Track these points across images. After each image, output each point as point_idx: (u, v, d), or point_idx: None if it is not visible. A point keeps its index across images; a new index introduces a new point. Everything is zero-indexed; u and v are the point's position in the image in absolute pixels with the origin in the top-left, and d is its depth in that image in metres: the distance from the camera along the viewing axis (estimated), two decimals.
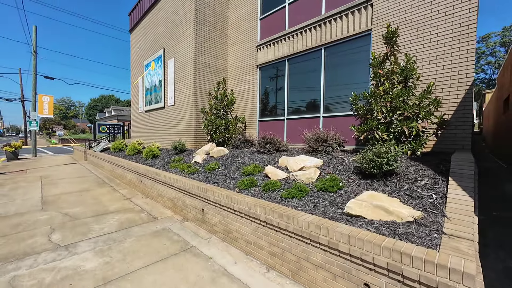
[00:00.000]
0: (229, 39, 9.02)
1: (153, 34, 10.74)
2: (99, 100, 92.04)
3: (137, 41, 12.50)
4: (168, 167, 6.08)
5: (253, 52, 8.06)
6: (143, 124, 11.94)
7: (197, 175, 4.98)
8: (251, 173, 4.33)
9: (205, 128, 7.61)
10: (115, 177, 8.42)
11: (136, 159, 8.00)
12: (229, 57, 9.03)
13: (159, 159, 7.17)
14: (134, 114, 13.12)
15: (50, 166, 11.29)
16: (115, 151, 10.53)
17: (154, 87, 10.57)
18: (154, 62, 10.57)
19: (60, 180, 8.13)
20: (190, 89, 8.17)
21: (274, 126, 7.42)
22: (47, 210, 5.08)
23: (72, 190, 6.75)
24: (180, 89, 8.72)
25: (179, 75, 8.78)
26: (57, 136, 41.78)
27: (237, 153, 6.05)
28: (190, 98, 8.21)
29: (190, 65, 8.15)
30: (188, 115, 8.32)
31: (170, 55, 9.35)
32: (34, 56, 15.95)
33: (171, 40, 9.29)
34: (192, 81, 8.07)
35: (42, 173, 9.53)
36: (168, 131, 9.59)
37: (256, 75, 7.98)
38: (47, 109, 16.55)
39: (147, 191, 6.03)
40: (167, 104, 9.61)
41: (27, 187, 7.15)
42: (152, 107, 10.77)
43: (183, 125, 8.61)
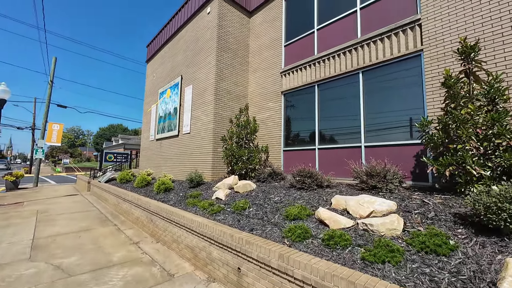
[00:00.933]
0: (250, 66, 8.74)
1: (170, 63, 10.66)
2: (108, 129, 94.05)
3: (154, 71, 12.50)
4: (185, 204, 5.14)
5: (277, 78, 7.64)
6: (153, 153, 11.26)
7: (223, 217, 4.03)
8: (297, 217, 3.39)
9: (225, 158, 6.82)
10: (120, 213, 7.43)
11: (145, 193, 7.10)
12: (249, 84, 8.65)
13: (173, 193, 6.25)
14: (144, 142, 12.55)
15: (49, 198, 10.37)
16: (121, 182, 9.67)
17: (168, 114, 10.12)
18: (170, 89, 10.29)
19: (58, 216, 7.15)
20: (209, 116, 7.60)
21: (302, 156, 6.60)
22: (35, 259, 4.07)
23: (70, 230, 5.75)
24: (198, 116, 8.17)
25: (197, 101, 8.31)
26: (62, 164, 41.40)
27: (267, 188, 5.14)
28: (208, 125, 7.59)
29: (210, 91, 7.71)
30: (205, 143, 7.62)
31: (188, 82, 9.04)
32: (50, 85, 16.17)
33: (189, 68, 9.06)
34: (211, 107, 7.54)
35: (40, 206, 8.59)
36: (181, 161, 8.82)
37: (280, 101, 7.43)
38: (55, 137, 16.21)
39: (159, 234, 5.01)
40: (182, 132, 9.00)
41: (19, 224, 6.19)
42: (164, 135, 10.18)
43: (199, 155, 7.85)
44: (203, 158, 7.65)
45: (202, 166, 7.62)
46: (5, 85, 9.07)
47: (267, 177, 5.76)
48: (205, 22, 8.48)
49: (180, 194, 6.10)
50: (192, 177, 6.38)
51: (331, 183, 4.51)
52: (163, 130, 10.43)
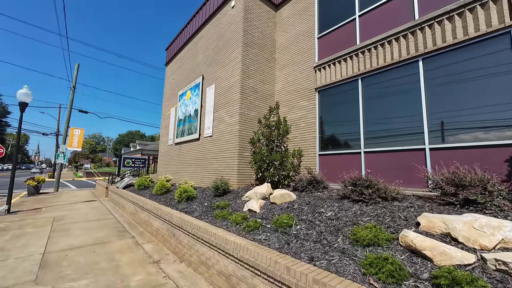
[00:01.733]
0: (277, 62, 8.01)
1: (190, 64, 10.19)
2: (126, 135, 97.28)
3: (173, 73, 12.14)
4: (213, 217, 4.37)
5: (310, 74, 6.83)
6: (172, 158, 10.73)
7: (265, 236, 3.20)
8: (373, 242, 2.49)
9: (253, 164, 6.04)
10: (138, 223, 6.81)
11: (165, 201, 6.44)
12: (276, 82, 7.89)
13: (196, 203, 5.52)
14: (163, 147, 12.10)
15: (68, 204, 10.06)
16: (139, 189, 9.15)
17: (188, 117, 9.57)
18: (190, 91, 9.77)
19: (74, 225, 6.65)
20: (234, 117, 6.89)
21: (344, 161, 5.67)
22: (42, 282, 3.43)
23: (84, 243, 5.16)
24: (221, 117, 7.50)
25: (220, 102, 7.66)
26: (83, 170, 42.65)
27: (310, 199, 4.26)
28: (233, 127, 6.87)
29: (235, 90, 7.02)
30: (230, 147, 6.89)
31: (210, 81, 8.45)
32: (72, 91, 16.39)
33: (211, 67, 8.48)
34: (237, 107, 6.83)
35: (57, 213, 8.21)
36: (203, 166, 8.15)
37: (314, 99, 6.59)
38: (76, 142, 16.30)
39: (183, 252, 4.26)
40: (203, 135, 8.36)
41: (32, 234, 5.71)
42: (184, 138, 9.62)
43: (223, 160, 7.13)
44: (227, 163, 6.92)
45: (226, 172, 6.88)
46: (27, 88, 8.94)
47: (307, 186, 4.88)
48: (229, 17, 7.90)
49: (204, 204, 5.36)
50: (218, 185, 5.63)
51: (398, 194, 3.55)
52: (182, 133, 9.88)
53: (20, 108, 8.81)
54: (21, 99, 8.75)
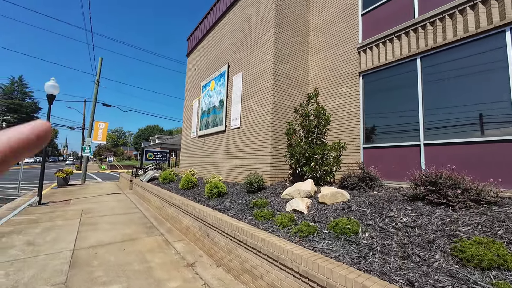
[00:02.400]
0: (311, 46, 7.25)
1: (214, 52, 9.67)
2: (146, 129, 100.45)
3: (195, 63, 11.72)
4: (252, 217, 3.86)
5: (352, 56, 6.04)
6: (195, 151, 10.40)
7: (325, 245, 2.62)
8: (497, 263, 1.82)
9: (288, 158, 5.44)
10: (165, 218, 6.51)
11: (193, 196, 6.05)
12: (310, 68, 7.16)
13: (229, 200, 5.05)
14: (185, 140, 11.83)
15: (94, 196, 10.12)
16: (164, 182, 8.91)
17: (212, 108, 9.12)
18: (214, 80, 9.29)
19: (101, 219, 6.49)
20: (266, 106, 6.29)
21: (397, 155, 4.91)
22: (72, 285, 3.12)
23: (113, 239, 4.89)
24: (250, 107, 6.94)
25: (249, 90, 7.09)
26: (107, 162, 44.49)
27: (368, 199, 3.61)
28: (265, 117, 6.29)
29: (267, 77, 6.40)
30: (261, 139, 6.33)
31: (237, 69, 7.89)
32: (96, 85, 16.61)
33: (238, 53, 7.90)
34: (269, 95, 6.22)
35: (85, 205, 8.18)
36: (229, 160, 7.69)
37: (358, 85, 5.81)
38: (101, 135, 16.60)
39: (219, 255, 3.80)
40: (230, 126, 7.87)
41: (61, 228, 5.56)
42: (208, 131, 9.20)
43: (253, 153, 6.60)
44: (258, 157, 6.37)
45: (256, 167, 6.35)
46: (54, 81, 8.91)
47: (357, 183, 4.21)
48: None
49: (238, 201, 4.86)
50: (252, 181, 5.10)
51: (498, 197, 2.80)
52: (206, 125, 9.47)
53: (48, 101, 8.81)
54: (48, 91, 8.74)
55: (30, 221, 6.09)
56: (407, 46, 4.99)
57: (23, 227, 5.53)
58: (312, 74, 7.06)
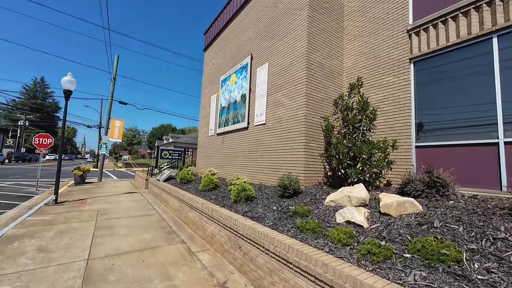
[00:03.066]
0: (346, 33, 6.46)
1: (235, 44, 9.06)
2: (159, 129, 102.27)
3: (213, 58, 11.18)
4: (296, 229, 3.17)
5: (399, 41, 5.20)
6: (213, 149, 9.85)
7: (419, 278, 1.89)
8: None
9: (325, 157, 4.71)
10: (186, 223, 5.95)
11: (216, 199, 5.45)
12: (346, 57, 6.37)
13: (260, 205, 4.39)
14: (202, 138, 11.32)
15: (110, 195, 9.80)
16: (181, 182, 8.41)
17: (233, 104, 8.51)
18: (235, 74, 8.68)
19: (117, 221, 6.03)
20: (298, 100, 5.58)
21: (463, 156, 4.06)
22: None
23: (130, 248, 4.36)
24: (278, 101, 6.25)
25: (277, 83, 6.40)
26: (122, 160, 45.29)
27: (454, 213, 2.82)
28: (297, 111, 5.58)
29: (299, 66, 5.69)
30: (292, 136, 5.63)
31: (261, 60, 7.22)
32: (113, 82, 16.52)
33: (263, 42, 7.23)
34: (302, 87, 5.51)
35: (101, 205, 7.82)
36: (253, 159, 7.04)
37: (408, 73, 4.97)
38: (117, 133, 16.50)
39: (257, 275, 3.14)
40: (253, 123, 7.22)
41: (76, 231, 5.12)
42: (228, 128, 8.61)
43: (282, 152, 5.91)
44: (288, 156, 5.68)
45: (286, 168, 5.66)
46: (71, 76, 8.62)
47: (424, 190, 3.42)
48: None
49: (272, 207, 4.19)
50: (286, 184, 4.41)
51: None
52: (226, 122, 8.88)
53: (65, 96, 8.53)
54: (65, 87, 8.46)
55: (44, 223, 5.72)
56: (477, 23, 4.12)
57: (37, 230, 5.15)
58: (348, 64, 6.27)
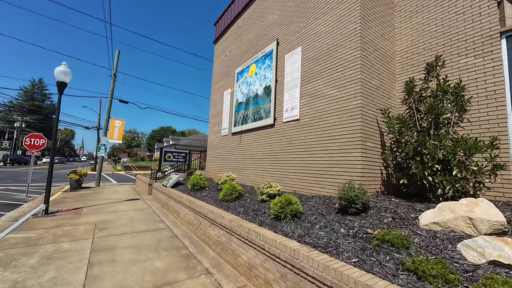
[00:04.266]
0: (398, 10, 5.36)
1: (254, 31, 7.95)
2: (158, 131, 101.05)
3: (225, 49, 10.07)
4: (406, 272, 2.00)
5: (485, 11, 4.09)
6: (228, 151, 8.69)
7: None
8: None
9: (391, 160, 3.56)
10: (205, 241, 4.76)
11: (245, 212, 4.28)
12: (398, 39, 5.26)
13: (317, 226, 3.20)
14: (213, 138, 10.15)
15: (110, 203, 8.59)
16: (193, 189, 7.23)
17: (253, 98, 7.37)
18: (255, 64, 7.56)
19: (119, 239, 4.84)
20: (349, 88, 4.45)
21: None
22: None
23: (138, 284, 3.17)
24: (318, 91, 5.11)
25: (315, 69, 5.27)
26: (121, 163, 43.92)
27: None
28: (347, 103, 4.44)
29: (348, 46, 4.57)
30: (340, 133, 4.48)
31: (291, 45, 6.10)
32: (113, 79, 15.37)
33: (294, 23, 6.12)
34: (356, 71, 4.38)
35: (99, 217, 6.61)
36: (283, 162, 5.87)
37: (499, 52, 3.85)
38: (117, 134, 15.30)
39: None
40: (282, 119, 6.08)
41: (67, 256, 3.92)
42: (248, 126, 7.45)
43: (325, 152, 4.76)
44: (335, 158, 4.52)
45: (333, 173, 4.50)
46: (66, 66, 7.47)
47: None
48: None
49: (336, 229, 3.00)
50: (351, 196, 3.23)
51: None
52: (244, 120, 7.73)
53: (59, 89, 7.36)
54: (59, 78, 7.29)
55: (28, 242, 4.51)
56: None
57: (16, 254, 3.94)
58: (402, 46, 5.16)
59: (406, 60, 5.03)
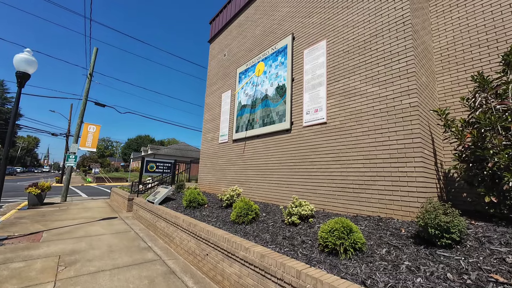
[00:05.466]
0: (433, 4, 4.85)
1: (262, 26, 7.15)
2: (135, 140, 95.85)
3: (223, 48, 9.15)
4: None
5: None
6: (227, 160, 7.57)
7: None
8: None
9: (468, 171, 2.78)
10: (217, 281, 3.55)
11: (273, 241, 3.22)
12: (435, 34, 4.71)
13: (404, 268, 2.24)
14: (207, 146, 8.97)
15: (80, 224, 6.93)
16: (189, 207, 5.97)
17: (262, 99, 6.44)
18: (263, 62, 6.69)
19: (94, 281, 3.46)
20: (397, 83, 3.70)
21: None
22: None
23: None
24: (353, 89, 4.32)
25: (344, 65, 4.50)
26: (93, 174, 39.94)
27: None
28: (396, 102, 3.67)
29: (393, 35, 3.87)
30: (388, 138, 3.66)
31: (312, 39, 5.34)
32: (89, 79, 13.61)
33: (315, 15, 5.38)
34: (409, 64, 3.65)
35: (64, 245, 5.07)
36: (303, 173, 4.91)
37: None
38: (90, 140, 13.39)
39: None
40: (301, 122, 5.18)
41: None
42: (254, 132, 6.46)
43: (364, 162, 3.90)
44: (381, 169, 3.67)
45: (379, 188, 3.63)
46: (29, 53, 6.02)
47: None
48: None
49: (443, 275, 2.06)
50: (441, 222, 2.34)
51: None
52: (250, 124, 6.73)
53: (18, 82, 5.86)
54: (20, 68, 5.82)
55: None
56: None
57: None
58: (441, 42, 4.59)
59: (448, 58, 4.45)
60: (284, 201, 5.26)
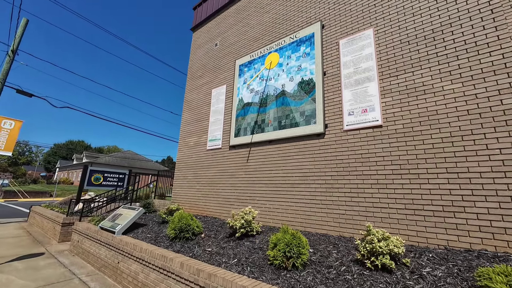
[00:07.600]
0: None
1: (273, 12, 6.03)
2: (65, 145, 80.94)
3: (215, 37, 7.66)
4: None
5: None
6: (220, 171, 5.93)
7: None
8: None
9: None
10: None
11: None
12: None
13: None
14: (189, 154, 7.11)
15: None
16: (180, 239, 4.10)
17: (278, 96, 5.20)
18: (277, 53, 5.53)
19: None
20: (491, 79, 3.01)
21: None
22: None
23: None
24: (421, 85, 3.50)
25: (406, 56, 3.70)
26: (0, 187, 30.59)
27: None
28: (491, 102, 2.95)
29: (480, 24, 3.23)
30: (489, 147, 2.87)
31: (352, 27, 4.46)
32: (9, 57, 9.94)
33: (350, 3, 4.56)
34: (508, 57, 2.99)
35: None
36: (355, 191, 3.79)
37: None
38: (5, 140, 9.55)
39: None
40: (341, 126, 4.12)
41: None
42: (266, 136, 5.11)
43: (451, 178, 3.02)
44: (480, 188, 2.83)
45: (479, 211, 2.77)
46: None
47: None
48: None
49: None
50: None
51: None
52: (258, 126, 5.36)
53: None
54: None
55: None
56: None
57: None
58: None
59: None
60: (321, 228, 4.00)
